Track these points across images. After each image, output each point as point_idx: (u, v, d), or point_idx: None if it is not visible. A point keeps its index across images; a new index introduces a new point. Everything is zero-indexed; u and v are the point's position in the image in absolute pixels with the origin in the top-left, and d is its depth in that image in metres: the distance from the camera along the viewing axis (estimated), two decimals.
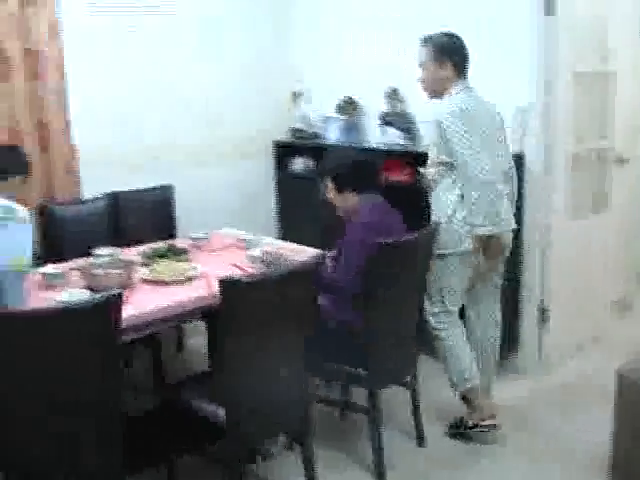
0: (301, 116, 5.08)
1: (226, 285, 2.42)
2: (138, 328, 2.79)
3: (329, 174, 3.26)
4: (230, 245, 3.78)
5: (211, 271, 3.23)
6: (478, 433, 3.38)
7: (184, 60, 4.68)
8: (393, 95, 4.37)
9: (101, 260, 3.29)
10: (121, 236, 4.13)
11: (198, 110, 4.81)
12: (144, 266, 3.34)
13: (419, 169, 3.63)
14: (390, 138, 4.41)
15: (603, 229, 4.43)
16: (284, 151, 5.20)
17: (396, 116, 4.37)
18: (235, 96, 4.98)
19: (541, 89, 3.76)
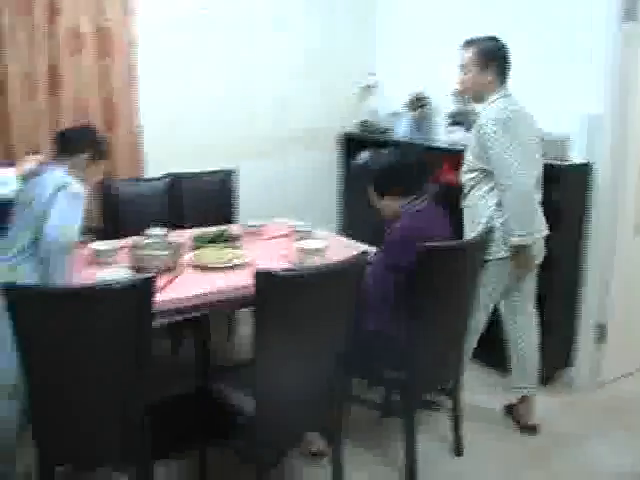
0: (370, 110, 5.02)
1: (260, 277, 2.39)
2: (173, 312, 2.81)
3: (370, 179, 3.19)
4: (283, 235, 3.77)
5: (258, 260, 3.22)
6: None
7: (255, 47, 4.68)
8: (461, 95, 4.26)
9: (150, 241, 3.32)
10: (179, 217, 4.18)
11: (267, 99, 4.80)
12: (193, 250, 3.36)
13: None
14: (457, 137, 4.30)
15: None
16: (351, 144, 5.15)
17: (464, 116, 4.26)
18: (305, 87, 4.95)
19: (616, 97, 3.58)
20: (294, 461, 3.18)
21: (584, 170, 3.69)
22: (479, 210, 3.29)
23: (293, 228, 3.76)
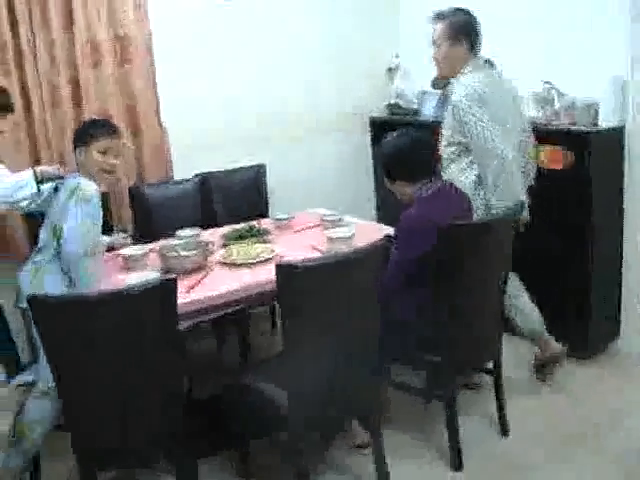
0: (398, 92, 4.95)
1: (282, 270, 2.38)
2: (204, 312, 2.81)
3: (381, 163, 3.12)
4: (313, 226, 3.74)
5: (288, 253, 3.21)
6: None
7: (277, 36, 4.64)
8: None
9: (179, 242, 3.33)
10: (211, 217, 4.19)
11: (292, 87, 4.76)
12: (222, 248, 3.37)
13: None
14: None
15: None
16: (381, 127, 5.09)
17: None
18: (331, 71, 4.90)
19: None
20: (337, 453, 3.16)
21: (616, 134, 3.58)
22: (460, 184, 3.25)
23: (322, 218, 3.73)
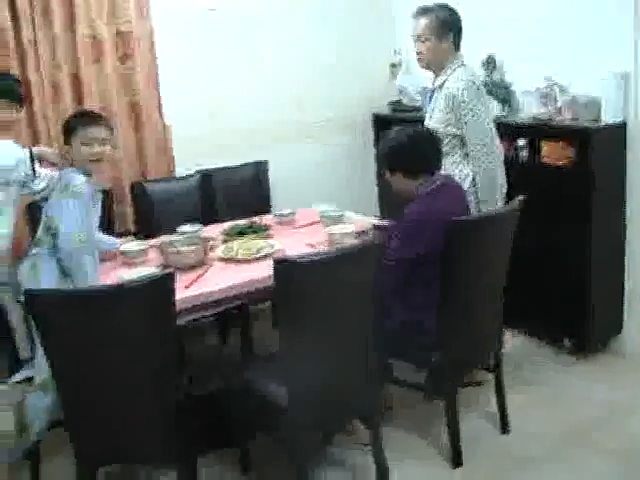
0: (400, 88, 4.93)
1: (279, 266, 2.37)
2: (204, 307, 2.82)
3: (381, 157, 3.11)
4: (314, 222, 3.73)
5: (289, 249, 3.21)
6: None
7: (277, 34, 4.62)
8: (489, 63, 4.15)
9: (179, 238, 3.33)
10: (213, 213, 4.18)
11: (293, 84, 4.74)
12: (224, 243, 3.37)
13: None
14: None
15: None
16: (383, 124, 5.07)
17: (493, 86, 4.14)
18: (331, 70, 4.88)
19: None
20: (337, 449, 3.15)
21: (618, 130, 3.55)
22: (456, 177, 3.28)
23: (324, 214, 3.72)
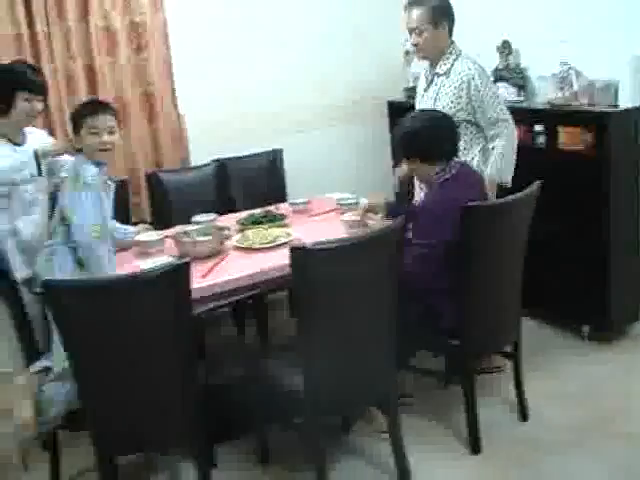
0: (414, 75, 4.89)
1: (295, 254, 2.36)
2: (220, 296, 2.81)
3: (397, 142, 3.06)
4: (330, 210, 3.72)
5: (305, 237, 3.19)
6: None
7: (292, 22, 4.61)
8: (504, 48, 4.11)
9: (194, 227, 3.33)
10: (228, 202, 4.18)
11: (308, 72, 4.73)
12: (239, 233, 3.36)
13: None
14: (503, 94, 4.15)
15: None
16: (398, 111, 5.04)
17: (509, 71, 4.12)
18: (347, 56, 4.86)
19: None
20: (355, 437, 3.15)
21: (635, 115, 3.52)
22: (465, 158, 3.31)
23: (339, 202, 3.71)
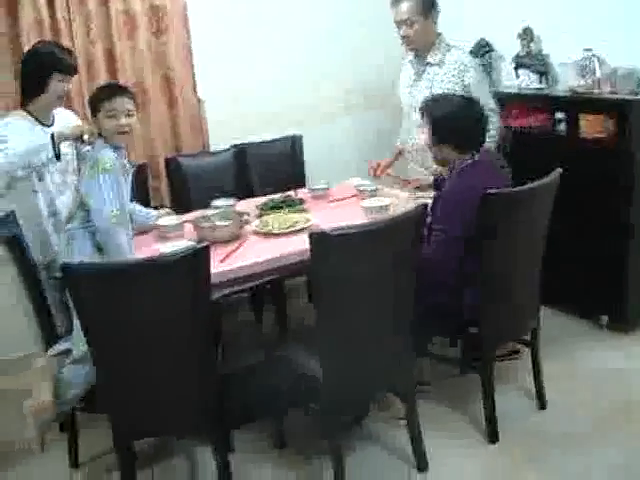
0: None
1: (315, 239, 2.36)
2: (239, 281, 2.81)
3: (429, 122, 2.98)
4: (349, 196, 3.71)
5: (324, 223, 3.18)
6: None
7: (311, 9, 4.59)
8: (525, 35, 4.07)
9: (214, 212, 3.33)
10: (247, 187, 4.18)
11: (329, 60, 4.71)
12: (258, 218, 3.36)
13: None
14: (525, 81, 4.15)
15: None
16: None
17: (530, 58, 4.08)
18: (367, 45, 4.83)
19: None
20: (372, 424, 3.15)
21: None
22: None
23: (358, 188, 3.70)
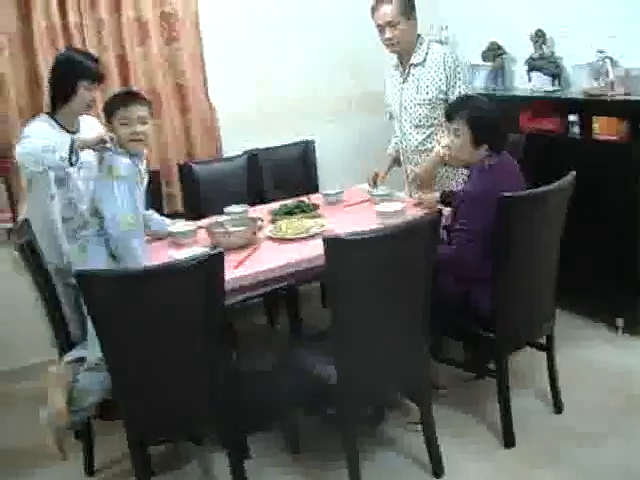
0: None
1: (329, 244, 2.36)
2: (253, 286, 2.81)
3: (466, 122, 2.90)
4: (363, 201, 3.71)
5: (338, 228, 3.18)
6: None
7: (322, 10, 4.59)
8: (538, 37, 4.06)
9: (227, 218, 3.34)
10: (260, 193, 4.20)
11: (339, 63, 4.70)
12: (272, 223, 3.36)
13: None
14: (537, 84, 4.14)
15: None
16: None
17: (543, 60, 4.07)
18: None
19: None
20: (388, 429, 3.15)
21: None
22: None
23: (371, 193, 3.69)
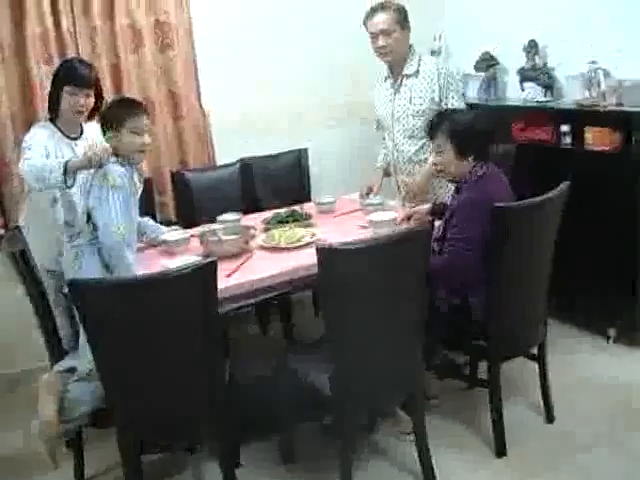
0: None
1: (322, 253, 2.36)
2: (246, 295, 2.80)
3: (449, 136, 2.92)
4: (355, 210, 3.71)
5: (331, 237, 3.18)
6: None
7: (317, 18, 4.57)
8: (531, 48, 4.07)
9: (220, 227, 3.33)
10: (253, 202, 4.18)
11: (334, 71, 4.67)
12: (265, 232, 3.35)
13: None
14: (530, 94, 4.15)
15: None
16: None
17: (535, 71, 4.09)
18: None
19: None
20: (381, 439, 3.14)
21: None
22: None
23: (364, 202, 3.69)
